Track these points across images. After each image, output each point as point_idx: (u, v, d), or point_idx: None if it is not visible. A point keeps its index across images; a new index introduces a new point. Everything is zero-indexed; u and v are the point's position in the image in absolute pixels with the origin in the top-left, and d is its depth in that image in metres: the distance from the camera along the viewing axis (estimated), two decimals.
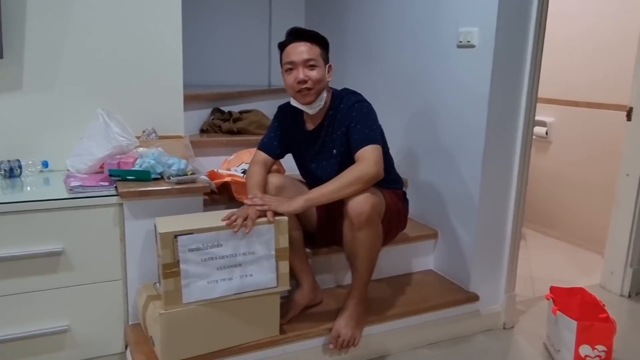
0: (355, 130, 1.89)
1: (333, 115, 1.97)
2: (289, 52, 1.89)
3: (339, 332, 1.88)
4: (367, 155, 1.83)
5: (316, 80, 1.88)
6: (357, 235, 1.81)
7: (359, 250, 1.84)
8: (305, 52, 1.86)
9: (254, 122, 2.84)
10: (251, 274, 1.73)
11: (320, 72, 1.89)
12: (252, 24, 3.49)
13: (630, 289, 2.70)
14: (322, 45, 1.93)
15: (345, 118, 1.93)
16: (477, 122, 2.14)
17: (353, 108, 1.92)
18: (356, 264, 1.88)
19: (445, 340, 2.21)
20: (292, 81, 1.88)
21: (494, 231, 2.26)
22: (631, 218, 2.64)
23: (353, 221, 1.79)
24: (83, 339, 1.83)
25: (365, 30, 2.88)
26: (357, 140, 1.87)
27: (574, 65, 3.37)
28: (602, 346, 1.95)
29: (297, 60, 1.86)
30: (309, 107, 1.93)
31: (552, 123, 3.53)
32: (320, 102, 1.94)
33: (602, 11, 3.20)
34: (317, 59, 1.89)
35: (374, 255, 1.89)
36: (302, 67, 1.86)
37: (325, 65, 1.93)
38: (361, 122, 1.90)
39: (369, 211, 1.78)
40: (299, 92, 1.89)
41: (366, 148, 1.85)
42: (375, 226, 1.84)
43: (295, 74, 1.87)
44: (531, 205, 3.58)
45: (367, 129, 1.88)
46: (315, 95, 1.91)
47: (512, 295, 2.35)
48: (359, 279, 1.90)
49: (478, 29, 2.11)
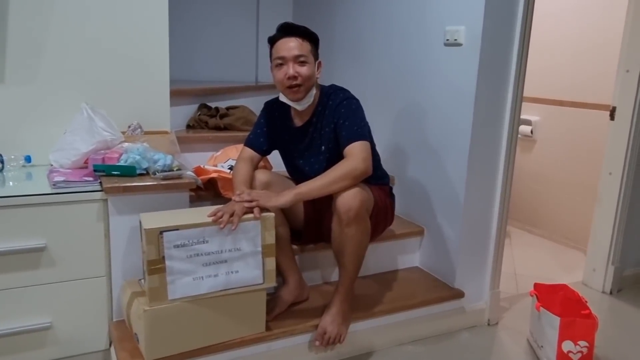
0: (344, 126, 1.89)
1: (321, 111, 1.97)
2: (279, 47, 1.88)
3: (325, 329, 1.89)
4: (356, 151, 1.84)
5: (306, 76, 1.87)
6: (346, 231, 1.82)
7: (347, 246, 1.84)
8: (295, 47, 1.86)
9: (240, 118, 2.82)
10: (237, 270, 1.72)
11: (310, 68, 1.88)
12: (240, 20, 3.47)
13: (612, 286, 2.74)
14: (313, 41, 1.92)
15: (333, 115, 1.93)
16: (463, 120, 2.15)
17: (342, 105, 1.93)
18: (343, 260, 1.88)
19: (430, 336, 2.22)
20: (281, 77, 1.88)
21: (479, 229, 2.27)
22: (613, 216, 2.68)
23: (342, 217, 1.79)
24: (66, 336, 1.81)
25: (353, 27, 2.88)
26: (345, 137, 1.88)
27: (559, 65, 3.40)
28: (584, 342, 1.98)
29: (287, 55, 1.86)
30: (298, 103, 1.93)
31: (537, 122, 3.57)
32: (310, 99, 1.94)
33: (586, 13, 3.23)
34: (308, 55, 1.88)
35: (362, 251, 1.90)
36: (292, 63, 1.86)
37: (315, 61, 1.92)
38: (350, 118, 1.90)
39: (357, 207, 1.79)
40: (289, 87, 1.88)
41: (355, 144, 1.85)
42: (363, 222, 1.84)
43: (285, 69, 1.86)
44: (516, 204, 3.61)
45: (356, 125, 1.89)
46: (305, 91, 1.90)
47: (497, 292, 2.37)
48: (346, 275, 1.90)
49: (465, 27, 2.12)
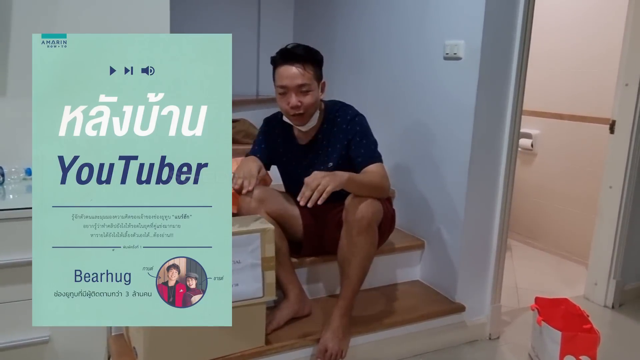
0: (361, 144, 1.92)
1: (328, 128, 1.97)
2: (282, 75, 1.86)
3: (327, 347, 1.86)
4: (380, 170, 1.90)
5: (309, 105, 1.88)
6: (355, 240, 1.81)
7: (354, 256, 1.84)
8: (298, 76, 1.84)
9: (241, 132, 2.84)
10: (236, 283, 1.71)
11: (313, 95, 1.88)
12: (240, 34, 3.49)
13: (613, 300, 2.72)
14: (316, 63, 1.90)
15: (346, 132, 1.94)
16: (463, 133, 2.16)
17: (355, 122, 1.95)
18: (349, 270, 1.86)
19: (430, 351, 2.21)
20: (285, 106, 1.89)
21: (480, 242, 2.27)
22: (614, 230, 2.67)
23: (353, 225, 1.79)
24: (65, 349, 1.80)
25: (353, 41, 2.90)
26: (365, 155, 1.92)
27: (559, 78, 3.42)
28: (586, 357, 1.97)
29: (289, 85, 1.85)
30: (302, 126, 1.95)
31: (537, 135, 3.58)
32: (313, 121, 1.95)
33: (585, 27, 3.25)
34: (311, 83, 1.86)
35: (368, 263, 1.88)
36: (294, 93, 1.85)
37: (318, 84, 1.92)
38: (366, 137, 1.94)
39: (370, 217, 1.80)
40: (293, 115, 1.90)
41: (376, 165, 1.91)
42: (372, 232, 1.85)
43: (288, 98, 1.86)
44: (517, 217, 3.60)
45: (373, 144, 1.94)
46: (308, 117, 1.92)
47: (498, 306, 2.35)
48: (349, 287, 1.88)
49: (464, 41, 2.13)
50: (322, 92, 1.95)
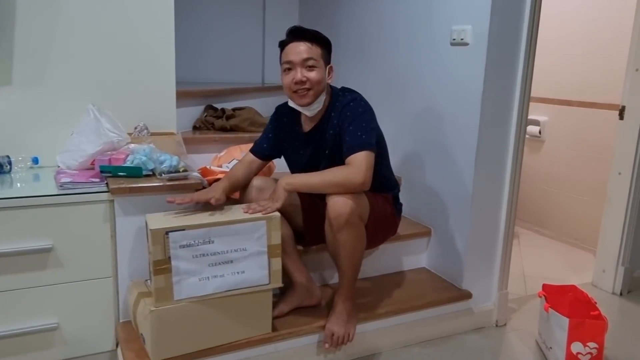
0: (348, 132, 1.82)
1: (330, 114, 1.94)
2: (288, 52, 1.84)
3: (332, 330, 1.87)
4: (358, 162, 1.76)
5: (315, 81, 1.83)
6: (337, 236, 1.80)
7: (340, 251, 1.83)
8: (304, 51, 1.81)
9: (246, 120, 2.82)
10: (243, 270, 1.72)
11: (319, 73, 1.84)
12: (246, 21, 3.48)
13: (622, 287, 2.71)
14: (324, 45, 1.88)
15: (339, 117, 1.87)
16: (470, 120, 2.14)
17: (348, 107, 1.86)
18: (339, 263, 1.87)
19: (437, 338, 2.21)
20: (289, 81, 1.84)
21: (487, 229, 2.26)
22: (623, 216, 2.65)
23: (332, 222, 1.77)
24: (73, 336, 1.82)
25: (359, 28, 2.87)
26: (349, 144, 1.80)
27: (567, 64, 3.38)
28: (593, 343, 1.96)
29: (295, 60, 1.82)
30: (307, 109, 1.89)
31: (545, 122, 3.54)
32: (319, 105, 1.90)
33: (594, 12, 3.21)
34: (317, 59, 1.83)
35: (356, 256, 1.86)
36: (300, 68, 1.82)
37: (325, 66, 1.88)
38: (355, 123, 1.83)
39: (348, 213, 1.75)
40: (295, 92, 1.84)
41: (358, 154, 1.77)
42: (354, 228, 1.80)
43: (293, 74, 1.83)
44: (524, 204, 3.59)
45: (361, 131, 1.81)
46: (313, 96, 1.85)
47: (505, 293, 2.35)
48: (344, 278, 1.89)
49: (471, 26, 2.10)
50: (329, 76, 1.92)
